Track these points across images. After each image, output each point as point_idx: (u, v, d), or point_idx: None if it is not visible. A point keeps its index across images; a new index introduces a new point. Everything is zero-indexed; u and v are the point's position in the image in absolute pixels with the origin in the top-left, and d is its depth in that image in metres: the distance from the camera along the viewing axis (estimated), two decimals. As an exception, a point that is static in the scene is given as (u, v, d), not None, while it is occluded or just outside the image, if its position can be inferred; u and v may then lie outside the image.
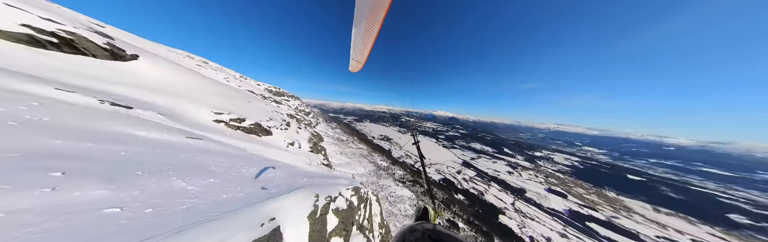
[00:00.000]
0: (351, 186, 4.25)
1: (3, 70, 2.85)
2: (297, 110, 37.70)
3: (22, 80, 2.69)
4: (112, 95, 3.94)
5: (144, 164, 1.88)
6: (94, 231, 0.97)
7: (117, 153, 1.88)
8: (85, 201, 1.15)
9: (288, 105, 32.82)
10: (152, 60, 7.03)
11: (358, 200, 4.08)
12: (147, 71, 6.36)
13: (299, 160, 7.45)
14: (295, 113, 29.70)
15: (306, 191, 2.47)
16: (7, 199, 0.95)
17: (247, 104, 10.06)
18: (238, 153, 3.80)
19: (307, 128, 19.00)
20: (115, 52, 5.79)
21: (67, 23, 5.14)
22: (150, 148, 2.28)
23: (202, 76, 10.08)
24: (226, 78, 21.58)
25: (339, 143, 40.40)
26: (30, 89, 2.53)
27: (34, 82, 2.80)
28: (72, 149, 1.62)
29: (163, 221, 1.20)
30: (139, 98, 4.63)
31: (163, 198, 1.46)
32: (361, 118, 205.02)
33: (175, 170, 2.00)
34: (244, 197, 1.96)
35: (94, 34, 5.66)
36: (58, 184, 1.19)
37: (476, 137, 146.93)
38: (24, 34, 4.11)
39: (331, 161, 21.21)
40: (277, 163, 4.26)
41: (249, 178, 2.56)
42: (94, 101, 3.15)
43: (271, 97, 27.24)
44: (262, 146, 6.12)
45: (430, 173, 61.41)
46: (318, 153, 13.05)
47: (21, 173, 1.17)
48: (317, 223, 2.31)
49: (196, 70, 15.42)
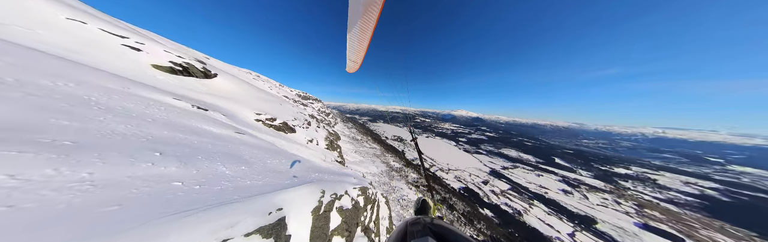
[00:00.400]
0: (359, 185, 4.18)
1: (154, 88, 4.98)
2: (318, 111, 42.48)
3: (161, 93, 4.66)
4: (199, 102, 5.98)
5: (204, 150, 2.67)
6: (162, 197, 1.41)
7: (192, 142, 2.80)
8: (163, 174, 1.72)
9: (312, 107, 37.76)
10: (224, 77, 10.14)
11: (365, 200, 3.98)
12: (220, 84, 9.17)
13: (315, 156, 8.42)
14: (316, 113, 33.84)
15: (314, 186, 2.51)
16: (130, 169, 1.57)
17: (279, 106, 12.44)
18: (267, 147, 4.89)
19: (325, 128, 20.81)
20: (207, 73, 8.76)
21: (187, 58, 8.34)
22: (211, 139, 3.30)
23: (253, 86, 13.23)
24: (270, 87, 27.04)
25: (354, 142, 42.43)
26: (163, 99, 4.33)
27: (165, 94, 4.75)
28: (170, 137, 2.60)
29: (202, 197, 1.56)
30: (213, 103, 6.77)
31: (208, 178, 1.95)
32: (375, 118, 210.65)
33: (221, 157, 2.70)
34: (262, 185, 2.29)
35: (198, 62, 9.25)
36: (155, 161, 1.85)
37: (510, 141, 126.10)
38: (168, 67, 6.90)
39: (345, 158, 22.34)
40: (297, 157, 5.18)
41: (271, 169, 3.12)
42: (188, 105, 4.95)
43: (299, 100, 32.41)
44: (286, 142, 7.66)
45: (449, 179, 57.72)
46: (333, 151, 14.15)
47: (142, 152, 1.91)
48: (320, 219, 2.25)
49: (251, 82, 19.89)
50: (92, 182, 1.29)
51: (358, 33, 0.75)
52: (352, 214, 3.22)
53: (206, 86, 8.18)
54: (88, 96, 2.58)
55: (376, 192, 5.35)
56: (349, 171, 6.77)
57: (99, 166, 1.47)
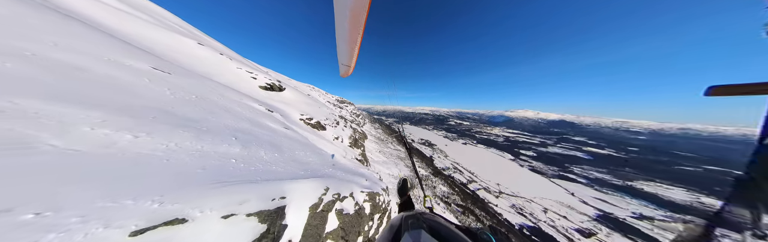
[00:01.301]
0: (369, 189, 3.95)
1: (252, 98, 8.51)
2: (350, 113, 48.42)
3: (254, 102, 7.91)
4: (271, 106, 9.17)
5: (259, 139, 3.69)
6: (223, 169, 2.06)
7: (256, 132, 4.06)
8: (228, 152, 2.48)
9: (346, 109, 44.17)
10: (290, 90, 14.71)
11: (372, 208, 3.71)
12: (286, 95, 13.40)
13: (337, 151, 9.20)
14: (348, 115, 39.03)
15: (319, 181, 2.62)
16: (216, 147, 2.44)
17: (318, 109, 15.95)
18: (301, 140, 6.50)
19: (353, 127, 22.34)
20: (280, 88, 13.23)
21: (272, 80, 13.02)
22: (267, 131, 4.64)
23: (305, 95, 17.76)
24: (318, 95, 34.90)
25: (379, 142, 46.24)
26: (253, 105, 7.19)
27: (256, 102, 7.98)
28: (245, 129, 3.86)
29: (241, 173, 2.09)
30: (278, 107, 10.12)
31: (250, 160, 2.55)
32: (401, 120, 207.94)
33: (266, 145, 3.54)
34: (282, 172, 2.65)
35: (277, 81, 13.68)
36: (230, 143, 2.80)
37: (656, 165, 61.50)
38: (264, 86, 11.32)
39: (369, 157, 24.30)
40: (322, 151, 6.28)
41: (296, 159, 3.81)
42: (263, 108, 7.88)
43: (337, 104, 39.34)
44: (316, 137, 10.13)
45: (500, 207, 43.23)
46: (357, 148, 15.97)
47: (228, 137, 2.97)
48: (316, 218, 2.20)
49: (305, 92, 26.31)
50: (198, 151, 2.17)
51: (347, 35, 0.70)
52: (353, 221, 2.96)
53: (279, 96, 12.33)
54: (224, 103, 5.11)
55: (389, 201, 4.86)
56: (364, 171, 6.77)
57: (206, 142, 2.44)
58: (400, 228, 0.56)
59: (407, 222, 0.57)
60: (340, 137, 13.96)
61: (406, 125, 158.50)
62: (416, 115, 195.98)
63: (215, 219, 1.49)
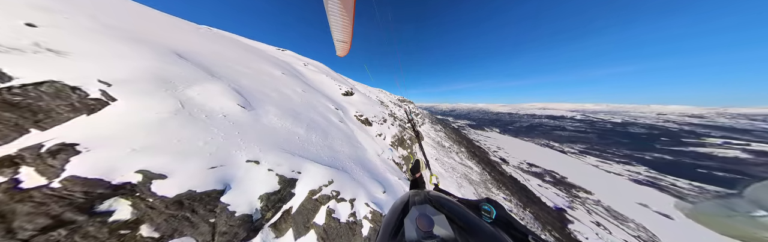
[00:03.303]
0: (377, 206, 3.53)
1: (333, 100, 14.36)
2: (408, 112, 49.58)
3: (332, 103, 13.59)
4: (340, 106, 14.80)
5: (318, 127, 7.78)
6: (292, 141, 5.68)
7: (319, 122, 8.58)
8: (297, 132, 6.32)
9: (404, 108, 46.54)
10: (358, 94, 20.57)
11: (372, 233, 3.15)
12: (354, 97, 19.24)
13: (373, 148, 10.22)
14: (404, 113, 40.55)
15: (328, 172, 3.03)
16: (297, 129, 6.84)
17: (371, 107, 20.47)
18: (346, 132, 10.78)
19: (401, 125, 22.88)
20: (352, 93, 19.37)
21: (350, 87, 19.72)
22: (326, 122, 9.19)
23: (366, 96, 23.39)
24: (384, 96, 40.60)
25: (438, 148, 38.03)
26: (329, 105, 12.81)
27: (332, 104, 13.62)
28: (317, 119, 8.70)
29: (294, 146, 5.27)
30: (343, 106, 15.60)
31: (304, 139, 6.00)
32: (483, 124, 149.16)
33: (320, 132, 7.38)
34: (314, 153, 4.90)
35: (350, 89, 20.03)
36: (305, 127, 7.11)
37: None
38: (343, 93, 17.94)
39: None
40: (359, 144, 9.67)
41: (330, 145, 6.56)
42: (333, 107, 13.39)
43: (397, 103, 42.66)
44: (360, 131, 14.26)
45: None
46: (403, 149, 15.84)
47: (303, 124, 7.34)
48: (309, 203, 2.39)
49: (374, 95, 33.19)
50: (287, 129, 6.29)
51: (338, 6, 0.62)
52: (341, 233, 2.62)
53: (350, 99, 18.38)
54: (315, 104, 10.69)
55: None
56: (393, 178, 6.64)
57: (293, 125, 6.79)
58: (408, 204, 0.61)
59: (414, 198, 0.63)
60: (384, 134, 15.12)
61: (494, 133, 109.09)
62: (519, 118, 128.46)
63: (265, 169, 3.59)
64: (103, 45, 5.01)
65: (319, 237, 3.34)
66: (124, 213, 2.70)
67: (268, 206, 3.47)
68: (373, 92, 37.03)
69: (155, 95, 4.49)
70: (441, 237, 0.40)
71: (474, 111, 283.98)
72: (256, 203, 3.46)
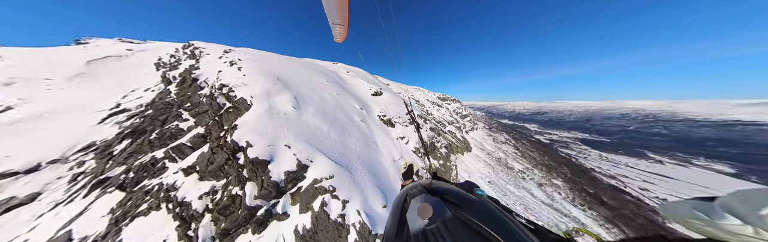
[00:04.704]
0: (367, 222, 3.31)
1: (360, 101, 17.69)
2: (454, 113, 42.43)
3: (358, 103, 16.95)
4: (366, 105, 18.13)
5: (340, 125, 12.09)
6: (312, 134, 9.59)
7: (342, 120, 13.14)
8: (321, 128, 10.65)
9: (447, 108, 40.17)
10: (386, 93, 22.57)
11: None
12: (382, 97, 21.64)
13: (390, 152, 10.47)
14: (445, 114, 35.48)
15: (332, 167, 3.68)
16: (322, 125, 12.10)
17: (397, 107, 21.74)
18: (365, 132, 14.39)
19: (432, 129, 21.40)
20: (380, 93, 21.78)
21: (381, 87, 22.24)
22: (348, 120, 13.83)
23: (395, 95, 24.60)
24: (420, 94, 38.46)
25: (497, 168, 25.57)
26: (355, 105, 16.50)
27: (358, 104, 17.07)
28: (339, 117, 13.45)
29: (316, 138, 10.00)
30: (369, 106, 18.73)
31: (325, 133, 10.00)
32: (605, 134, 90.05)
33: (340, 129, 11.17)
34: (328, 148, 8.35)
35: (379, 89, 22.65)
36: (328, 124, 12.44)
37: None
38: (372, 93, 21.03)
39: (452, 177, 17.68)
40: (375, 145, 13.07)
41: (344, 144, 10.61)
42: (359, 107, 16.75)
43: (436, 102, 38.78)
44: (380, 132, 16.56)
45: None
46: (434, 158, 15.25)
47: (328, 121, 12.75)
48: (310, 190, 3.25)
49: (409, 93, 33.38)
50: (315, 125, 11.46)
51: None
52: (328, 228, 2.63)
53: (378, 98, 20.98)
54: (342, 104, 14.65)
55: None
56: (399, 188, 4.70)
57: (322, 121, 11.52)
58: (406, 199, 0.61)
59: (411, 191, 0.64)
60: (407, 137, 14.79)
61: (627, 157, 63.44)
62: (705, 126, 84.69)
63: (291, 153, 7.49)
64: (255, 79, 10.98)
65: (312, 220, 4.28)
66: (242, 160, 7.20)
67: (288, 179, 7.09)
68: (408, 91, 36.25)
69: (263, 102, 9.49)
70: (441, 220, 0.42)
71: (591, 112, 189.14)
72: (282, 175, 7.21)
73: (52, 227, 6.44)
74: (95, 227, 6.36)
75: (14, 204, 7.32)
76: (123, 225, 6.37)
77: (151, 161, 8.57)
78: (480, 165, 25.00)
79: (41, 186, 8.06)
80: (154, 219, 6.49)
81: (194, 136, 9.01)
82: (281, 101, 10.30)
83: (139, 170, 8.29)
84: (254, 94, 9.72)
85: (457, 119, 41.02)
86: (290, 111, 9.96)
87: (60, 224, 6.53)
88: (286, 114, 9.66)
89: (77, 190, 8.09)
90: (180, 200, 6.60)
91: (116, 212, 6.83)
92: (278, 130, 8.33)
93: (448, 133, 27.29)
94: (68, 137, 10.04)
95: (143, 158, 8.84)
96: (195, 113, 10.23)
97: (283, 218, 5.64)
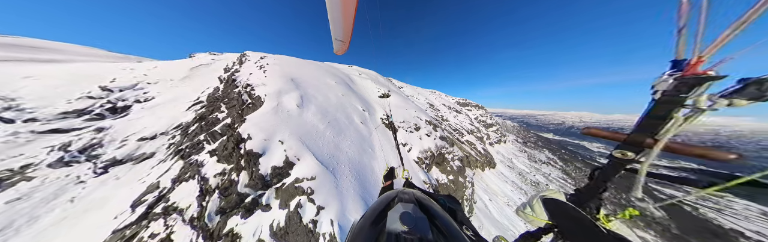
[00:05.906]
0: (340, 228, 3.31)
1: (367, 102, 18.36)
2: (476, 120, 37.43)
3: (363, 105, 17.71)
4: (369, 107, 18.80)
5: (338, 125, 12.37)
6: (308, 132, 10.47)
7: (341, 121, 13.51)
8: (319, 127, 11.06)
9: (466, 114, 35.63)
10: (394, 95, 22.63)
11: None
12: (390, 99, 21.83)
13: (386, 159, 10.62)
14: (470, 122, 31.63)
15: (317, 169, 4.19)
16: (319, 124, 13.12)
17: (405, 111, 21.33)
18: (364, 134, 15.19)
19: (446, 139, 18.60)
20: (388, 95, 21.92)
21: (389, 89, 22.43)
22: (347, 121, 13.96)
23: (404, 98, 24.22)
24: (426, 98, 36.12)
25: (526, 191, 21.18)
26: (358, 106, 17.45)
27: (361, 105, 17.83)
28: (338, 118, 13.97)
29: (312, 137, 11.23)
30: (373, 107, 19.27)
31: (322, 133, 10.95)
32: None
33: (337, 130, 11.68)
34: (320, 148, 9.38)
35: (387, 91, 22.95)
36: (326, 123, 12.57)
37: None
38: (379, 95, 21.49)
39: (475, 208, 16.03)
40: (370, 149, 13.90)
41: (337, 145, 10.75)
42: (361, 108, 17.46)
43: (453, 107, 35.16)
44: (380, 136, 16.66)
45: None
46: (442, 172, 14.19)
47: (326, 121, 13.06)
48: (291, 187, 3.93)
49: (425, 96, 32.17)
50: (313, 123, 11.77)
51: (340, 8, 0.64)
52: (299, 231, 2.73)
53: (383, 100, 21.26)
54: (345, 105, 15.81)
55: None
56: None
57: (321, 120, 12.43)
58: (394, 199, 0.66)
59: (402, 195, 0.68)
60: (409, 145, 14.50)
61: None
62: None
63: (282, 148, 8.47)
64: (274, 80, 13.08)
65: (286, 219, 4.27)
66: (242, 150, 8.68)
67: (273, 174, 8.26)
68: (422, 94, 34.66)
69: (273, 100, 11.19)
70: (419, 237, 0.44)
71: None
72: (269, 170, 8.27)
73: (154, 176, 10.35)
74: (165, 183, 9.29)
75: (145, 157, 12.37)
76: (176, 185, 8.94)
77: (197, 141, 11.46)
78: (506, 187, 21.17)
79: (156, 148, 12.92)
80: (190, 186, 8.72)
81: (223, 125, 11.51)
82: (288, 100, 11.86)
83: (191, 147, 11.27)
84: (268, 92, 11.63)
85: (480, 128, 36.17)
86: (293, 109, 11.37)
87: (158, 174, 10.26)
88: (289, 111, 11.07)
89: (168, 154, 11.89)
90: (203, 175, 8.60)
91: (180, 175, 9.56)
92: (277, 126, 9.67)
93: (465, 143, 24.42)
94: (171, 118, 15.33)
95: (197, 138, 11.94)
96: (229, 106, 13.05)
97: (267, 209, 6.14)
